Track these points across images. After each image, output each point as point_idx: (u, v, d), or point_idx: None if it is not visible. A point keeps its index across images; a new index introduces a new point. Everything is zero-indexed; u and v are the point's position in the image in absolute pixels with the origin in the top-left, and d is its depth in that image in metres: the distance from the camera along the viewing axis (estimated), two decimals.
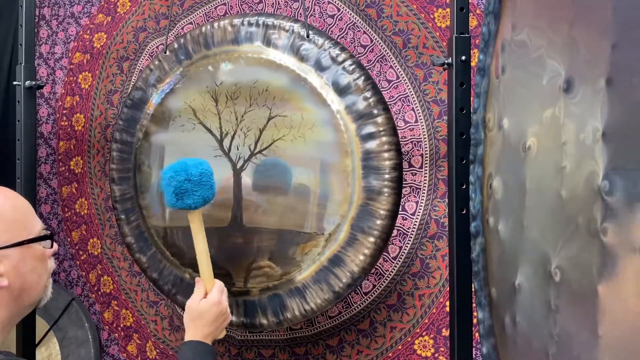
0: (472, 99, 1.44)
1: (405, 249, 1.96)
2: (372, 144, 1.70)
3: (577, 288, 0.97)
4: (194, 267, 1.90)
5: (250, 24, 1.83)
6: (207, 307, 1.66)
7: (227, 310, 1.70)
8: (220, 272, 1.87)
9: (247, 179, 1.82)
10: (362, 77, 1.72)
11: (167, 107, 1.90)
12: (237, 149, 1.81)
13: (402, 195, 1.83)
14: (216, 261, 1.87)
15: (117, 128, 2.02)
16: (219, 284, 1.72)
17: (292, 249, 1.78)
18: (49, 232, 1.40)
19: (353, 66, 1.73)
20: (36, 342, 2.21)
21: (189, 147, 1.87)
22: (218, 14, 2.20)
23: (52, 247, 1.39)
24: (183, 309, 1.99)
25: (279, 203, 1.80)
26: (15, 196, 1.40)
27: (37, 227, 1.37)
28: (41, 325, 2.39)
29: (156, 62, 1.97)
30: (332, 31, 2.02)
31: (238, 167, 1.82)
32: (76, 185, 2.50)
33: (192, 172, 1.64)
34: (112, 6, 2.42)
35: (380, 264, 1.96)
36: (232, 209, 1.83)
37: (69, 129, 2.50)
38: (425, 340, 1.95)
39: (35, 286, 1.34)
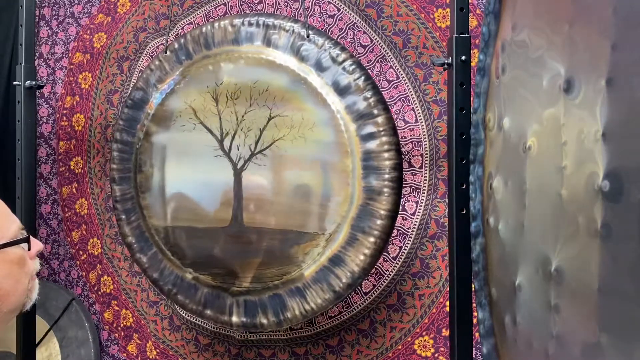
0: (472, 99, 1.44)
1: (405, 249, 1.96)
2: (372, 144, 1.70)
3: (577, 288, 0.96)
4: (195, 267, 1.90)
5: (250, 24, 1.84)
6: None
7: None
8: (220, 273, 1.88)
9: (247, 178, 1.82)
10: (362, 77, 1.72)
11: (167, 107, 1.91)
12: (238, 149, 1.81)
13: (402, 195, 1.83)
14: (217, 261, 1.87)
15: (117, 128, 2.02)
16: None
17: (293, 248, 1.78)
18: (26, 233, 1.26)
19: (353, 66, 1.73)
20: (36, 342, 2.21)
21: (189, 147, 1.87)
22: (218, 14, 2.20)
23: (29, 249, 1.25)
24: (183, 309, 1.99)
25: (280, 203, 1.80)
26: None
27: (11, 229, 1.23)
28: (41, 326, 2.39)
29: (157, 63, 1.97)
30: (332, 31, 2.02)
31: (238, 167, 1.82)
32: (76, 185, 2.49)
33: None
34: (112, 6, 2.42)
35: (380, 264, 1.96)
36: (232, 209, 1.83)
37: (69, 129, 2.50)
38: (425, 340, 1.95)
39: (14, 291, 1.20)
